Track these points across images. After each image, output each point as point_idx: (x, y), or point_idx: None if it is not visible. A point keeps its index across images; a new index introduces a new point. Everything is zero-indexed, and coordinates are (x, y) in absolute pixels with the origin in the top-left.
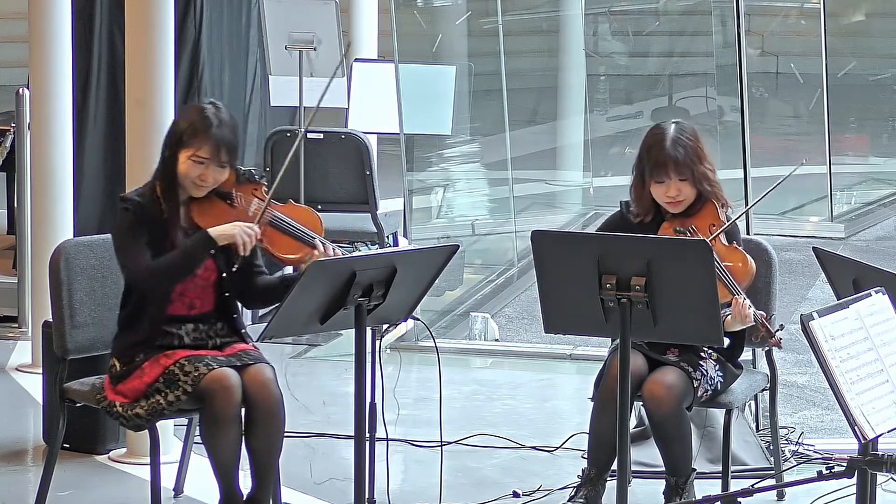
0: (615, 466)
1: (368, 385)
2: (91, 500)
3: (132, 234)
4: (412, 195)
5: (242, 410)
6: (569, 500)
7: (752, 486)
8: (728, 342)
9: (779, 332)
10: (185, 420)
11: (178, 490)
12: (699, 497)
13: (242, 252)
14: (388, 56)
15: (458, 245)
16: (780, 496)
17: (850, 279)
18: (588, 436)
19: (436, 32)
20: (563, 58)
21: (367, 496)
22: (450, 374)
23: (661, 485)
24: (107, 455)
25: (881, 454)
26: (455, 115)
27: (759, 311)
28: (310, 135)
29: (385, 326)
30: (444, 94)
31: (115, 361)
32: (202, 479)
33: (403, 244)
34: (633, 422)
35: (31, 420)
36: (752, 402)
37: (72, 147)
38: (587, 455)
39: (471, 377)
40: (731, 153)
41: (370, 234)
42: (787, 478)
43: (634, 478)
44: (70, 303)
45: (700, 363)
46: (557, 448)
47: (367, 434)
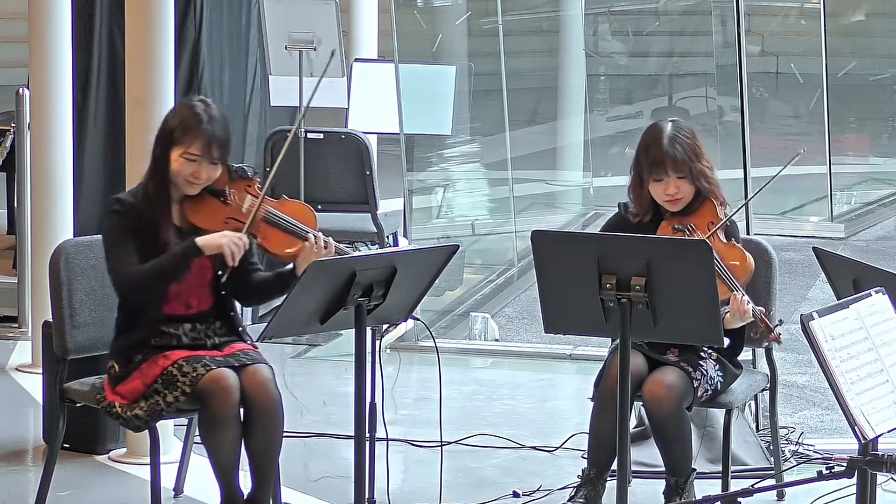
0: (615, 466)
1: (368, 385)
2: (91, 500)
3: (120, 239)
4: (412, 195)
5: (241, 410)
6: (569, 500)
7: (752, 486)
8: (728, 342)
9: (778, 328)
10: (185, 420)
11: (178, 490)
12: (699, 497)
13: (231, 263)
14: (388, 56)
15: (458, 245)
16: (780, 496)
17: (850, 279)
18: (588, 436)
19: (436, 32)
20: (563, 58)
21: (367, 496)
22: (450, 374)
23: (661, 485)
24: (107, 455)
25: (881, 454)
26: (455, 115)
27: (758, 307)
28: (310, 135)
29: (385, 326)
30: (444, 94)
31: (114, 363)
32: (202, 479)
33: (403, 244)
34: (633, 422)
35: (31, 420)
36: (752, 402)
37: (72, 147)
38: (587, 455)
39: (471, 377)
40: (731, 153)
41: (370, 234)
42: (787, 478)
43: (634, 478)
44: (70, 303)
45: (700, 363)
46: (557, 448)
47: (367, 434)
